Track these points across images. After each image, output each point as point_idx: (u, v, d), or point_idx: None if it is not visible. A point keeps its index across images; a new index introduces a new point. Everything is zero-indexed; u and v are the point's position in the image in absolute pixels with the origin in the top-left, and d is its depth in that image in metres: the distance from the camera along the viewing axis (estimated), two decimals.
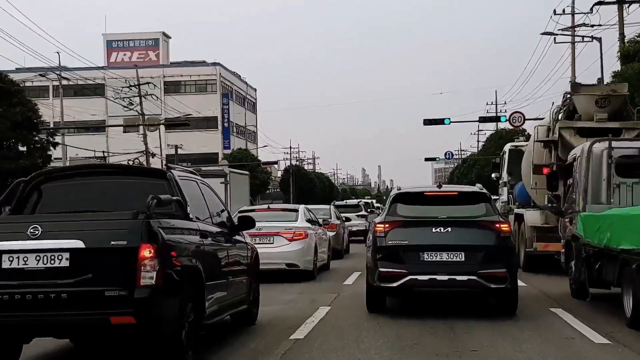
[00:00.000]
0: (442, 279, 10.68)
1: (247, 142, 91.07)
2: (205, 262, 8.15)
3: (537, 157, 17.41)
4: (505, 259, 10.77)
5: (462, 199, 11.65)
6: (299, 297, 13.77)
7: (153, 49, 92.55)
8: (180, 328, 7.46)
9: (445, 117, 49.25)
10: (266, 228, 16.30)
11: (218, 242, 9.08)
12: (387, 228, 10.98)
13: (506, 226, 11.01)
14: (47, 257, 7.00)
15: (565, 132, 16.49)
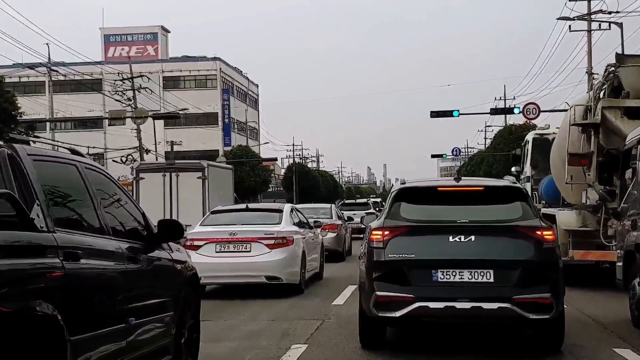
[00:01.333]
0: (463, 308, 7.68)
1: (247, 139, 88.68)
2: (71, 301, 4.82)
3: (572, 144, 14.01)
4: (550, 280, 7.85)
5: (488, 197, 8.61)
6: (267, 326, 10.29)
7: (152, 43, 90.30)
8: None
9: (454, 109, 45.42)
10: (242, 233, 13.59)
11: (109, 264, 5.66)
12: (387, 236, 8.03)
13: (550, 234, 8.09)
14: None
15: (610, 112, 13.17)
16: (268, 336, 9.36)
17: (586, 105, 13.99)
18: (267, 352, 8.34)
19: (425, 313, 7.82)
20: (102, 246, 5.56)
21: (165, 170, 22.41)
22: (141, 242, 6.37)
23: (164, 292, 6.64)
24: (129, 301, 5.82)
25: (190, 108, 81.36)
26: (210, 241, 13.68)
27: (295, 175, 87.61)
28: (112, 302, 5.57)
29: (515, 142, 46.70)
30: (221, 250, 13.61)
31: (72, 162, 5.76)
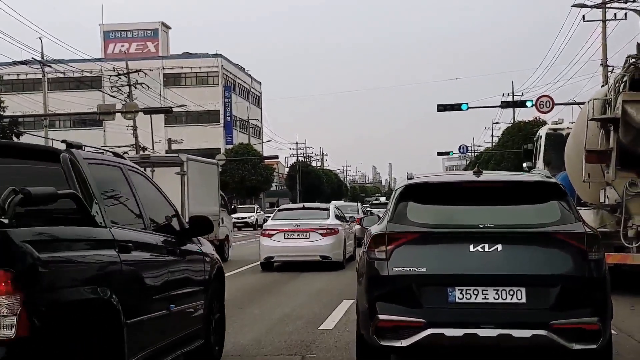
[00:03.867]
0: (487, 336, 6.29)
1: (250, 137, 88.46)
2: (126, 289, 5.52)
3: (590, 141, 13.40)
4: (596, 300, 6.42)
5: (517, 195, 7.10)
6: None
7: (152, 39, 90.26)
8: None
9: (463, 103, 43.78)
10: (303, 225, 19.29)
11: (153, 256, 6.41)
12: (390, 245, 6.60)
13: (596, 242, 6.60)
14: None
15: (631, 106, 12.53)
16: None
17: (605, 98, 13.37)
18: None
19: (440, 342, 6.43)
20: (147, 240, 6.26)
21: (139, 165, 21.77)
22: (175, 236, 6.95)
23: (196, 282, 7.27)
24: (169, 290, 6.48)
25: (191, 105, 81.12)
26: (280, 231, 19.19)
27: (298, 174, 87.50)
28: (157, 291, 6.23)
29: (524, 139, 46.40)
30: (288, 238, 19.13)
31: (117, 164, 6.45)
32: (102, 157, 6.32)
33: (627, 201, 12.81)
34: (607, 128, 13.14)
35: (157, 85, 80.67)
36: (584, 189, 14.20)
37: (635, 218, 12.82)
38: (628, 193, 12.74)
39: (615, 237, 13.00)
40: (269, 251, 19.05)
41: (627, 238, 12.83)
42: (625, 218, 12.89)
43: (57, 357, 4.53)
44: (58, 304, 4.59)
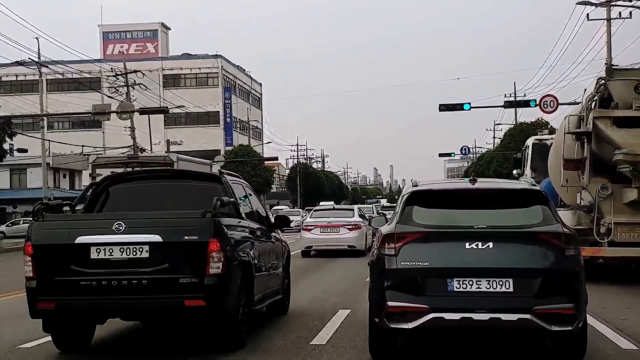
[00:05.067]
0: (480, 319, 7.58)
1: (250, 138, 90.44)
2: (254, 256, 9.79)
3: (567, 151, 16.13)
4: (572, 289, 7.76)
5: (507, 200, 8.48)
6: None
7: (151, 40, 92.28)
8: (238, 310, 8.99)
9: (465, 102, 43.45)
10: (334, 222, 25.86)
11: (262, 238, 10.66)
12: (399, 243, 7.94)
13: (573, 240, 8.02)
14: (130, 249, 8.42)
15: (600, 122, 15.24)
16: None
17: (579, 115, 16.10)
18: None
19: (441, 324, 7.68)
20: (257, 228, 10.52)
21: (126, 165, 20.44)
22: (267, 227, 11.22)
23: (278, 257, 11.50)
24: (268, 260, 10.66)
25: (191, 107, 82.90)
26: (317, 226, 25.83)
27: (299, 176, 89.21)
28: (265, 259, 10.41)
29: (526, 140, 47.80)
30: (323, 231, 25.66)
31: (240, 182, 10.97)
32: (234, 178, 10.57)
33: (599, 202, 15.47)
34: (581, 140, 15.83)
35: (157, 86, 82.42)
36: (564, 193, 16.91)
37: (607, 217, 15.48)
38: (600, 195, 15.40)
39: (589, 234, 15.65)
40: (308, 242, 25.98)
41: (600, 234, 15.52)
42: (598, 217, 15.59)
43: (233, 285, 8.78)
44: (234, 258, 8.87)
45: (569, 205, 17.03)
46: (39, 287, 8.56)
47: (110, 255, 8.42)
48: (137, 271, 8.37)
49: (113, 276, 8.36)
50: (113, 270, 8.40)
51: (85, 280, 8.42)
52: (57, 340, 9.21)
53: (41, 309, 8.64)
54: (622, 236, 15.43)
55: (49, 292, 8.54)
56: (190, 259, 8.42)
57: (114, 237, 8.39)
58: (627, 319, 10.96)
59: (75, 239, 8.48)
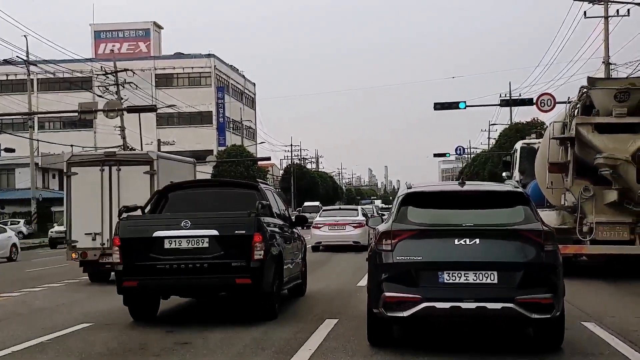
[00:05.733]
0: (468, 308, 8.55)
1: (243, 138, 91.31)
2: (283, 247, 12.72)
3: (552, 155, 17.58)
4: (551, 281, 8.73)
5: (492, 201, 9.54)
6: None
7: (144, 39, 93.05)
8: (273, 288, 11.81)
9: (460, 101, 43.09)
10: (341, 220, 29.98)
11: (287, 233, 13.68)
12: (395, 239, 8.94)
13: (551, 237, 9.00)
14: (194, 241, 11.30)
15: (583, 128, 16.65)
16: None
17: (563, 121, 17.56)
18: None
19: (432, 313, 8.59)
20: (283, 225, 13.55)
21: (103, 164, 18.98)
22: (289, 224, 14.25)
23: (299, 248, 14.75)
24: (292, 251, 13.80)
25: (183, 107, 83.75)
26: (325, 224, 29.81)
27: (293, 176, 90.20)
28: (290, 250, 13.58)
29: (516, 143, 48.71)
30: (332, 229, 29.55)
31: (269, 188, 14.37)
32: (266, 185, 14.21)
33: (582, 203, 16.89)
34: (565, 145, 17.28)
35: (149, 86, 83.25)
36: (549, 194, 18.34)
37: (589, 217, 16.90)
38: (582, 197, 16.82)
39: (573, 233, 17.06)
40: (318, 238, 29.82)
41: (582, 233, 16.94)
42: (581, 217, 17.00)
43: (270, 268, 11.59)
44: (270, 247, 11.62)
45: (554, 205, 18.44)
46: (124, 270, 11.47)
47: (179, 245, 11.33)
48: (200, 257, 11.23)
49: (181, 261, 11.25)
50: (181, 256, 11.27)
51: (160, 264, 11.32)
52: (134, 312, 12.12)
53: (126, 286, 11.55)
54: (603, 235, 16.82)
55: (132, 273, 11.43)
56: (239, 247, 11.26)
57: (182, 232, 11.32)
58: (638, 330, 10.55)
59: (153, 233, 11.42)
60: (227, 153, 78.93)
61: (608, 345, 9.43)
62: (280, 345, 9.77)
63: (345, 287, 16.24)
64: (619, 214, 16.79)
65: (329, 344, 9.73)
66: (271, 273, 11.73)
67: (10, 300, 16.07)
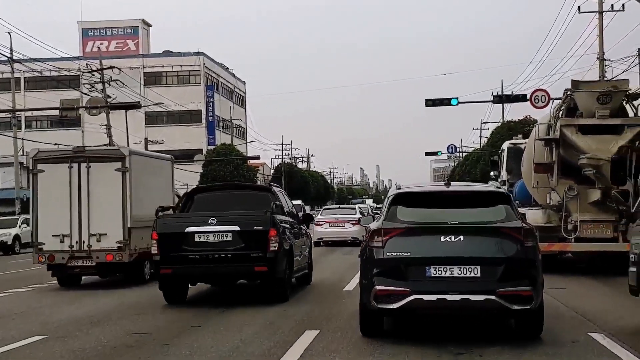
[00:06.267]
0: (453, 300, 9.32)
1: (232, 137, 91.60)
2: (293, 241, 15.11)
3: (538, 155, 18.48)
4: (530, 275, 9.51)
5: (476, 200, 10.40)
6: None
7: (132, 37, 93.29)
8: (285, 275, 14.22)
9: (452, 97, 42.33)
10: (340, 218, 33.36)
11: (296, 229, 16.00)
12: (385, 237, 9.71)
13: (531, 234, 9.79)
14: (220, 235, 13.72)
15: (567, 129, 17.55)
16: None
17: (548, 123, 18.49)
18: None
19: (420, 305, 9.35)
20: (293, 222, 15.91)
21: (72, 160, 18.12)
22: (297, 222, 16.48)
23: (305, 243, 17.04)
24: (300, 245, 16.16)
25: (172, 105, 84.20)
26: (327, 222, 33.07)
27: (284, 176, 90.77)
28: (299, 244, 15.97)
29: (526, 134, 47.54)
30: (332, 226, 32.82)
31: (280, 190, 16.99)
32: (278, 188, 16.70)
33: (566, 202, 17.81)
34: (550, 146, 18.20)
35: (137, 84, 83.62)
36: (535, 193, 19.27)
37: (573, 215, 17.81)
38: (567, 196, 17.74)
39: (558, 231, 18.00)
40: (320, 234, 32.71)
41: (567, 231, 17.87)
42: (566, 215, 17.93)
43: (282, 259, 13.98)
44: (283, 241, 14.01)
45: (540, 204, 19.36)
46: (161, 260, 13.90)
47: (207, 239, 13.76)
48: (224, 249, 13.69)
49: (209, 252, 13.70)
50: (209, 248, 13.71)
51: (191, 254, 13.76)
52: (167, 295, 14.46)
53: (162, 273, 13.95)
54: (587, 232, 17.74)
55: (167, 262, 13.82)
56: (257, 241, 13.65)
57: (209, 228, 13.76)
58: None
59: (185, 229, 13.86)
60: (216, 152, 79.04)
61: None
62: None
63: (331, 291, 15.94)
64: (603, 212, 17.67)
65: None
66: (284, 262, 14.12)
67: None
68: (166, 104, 79.12)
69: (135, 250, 18.05)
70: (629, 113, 17.81)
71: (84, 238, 17.89)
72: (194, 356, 9.43)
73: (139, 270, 18.69)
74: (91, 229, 17.84)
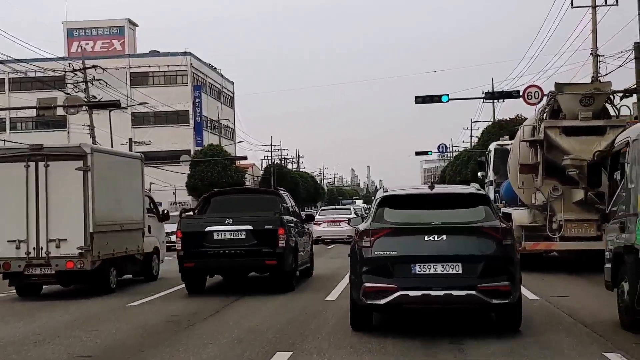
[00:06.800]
0: (437, 295, 10.15)
1: (220, 137, 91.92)
2: (297, 239, 17.66)
3: (523, 156, 19.26)
4: (508, 271, 10.34)
5: (457, 202, 11.34)
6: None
7: (118, 37, 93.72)
8: (291, 268, 16.78)
9: (443, 94, 41.44)
10: (337, 218, 37.21)
11: (299, 228, 18.47)
12: (373, 237, 10.51)
13: (508, 233, 10.73)
14: (235, 233, 16.21)
15: (551, 131, 18.34)
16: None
17: (533, 125, 19.27)
18: None
19: (406, 300, 10.20)
20: (297, 221, 18.52)
21: (29, 159, 16.85)
22: (300, 221, 19.08)
23: (308, 240, 19.73)
24: (303, 242, 18.52)
25: (159, 106, 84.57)
26: (325, 222, 36.82)
27: (273, 177, 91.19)
28: (302, 240, 18.39)
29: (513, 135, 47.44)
30: (329, 225, 36.56)
31: (286, 193, 19.67)
32: (284, 192, 19.58)
33: (551, 202, 18.61)
34: (535, 147, 18.97)
35: (124, 85, 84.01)
36: (521, 193, 20.05)
37: (558, 215, 18.60)
38: (552, 196, 18.54)
39: (543, 230, 18.83)
40: (318, 233, 35.02)
41: (552, 230, 18.68)
42: (550, 215, 18.73)
43: (289, 254, 16.54)
44: (289, 238, 16.56)
45: (526, 204, 20.16)
46: (184, 255, 16.36)
47: (224, 237, 16.25)
48: (239, 245, 16.16)
49: (226, 248, 16.18)
50: (226, 245, 16.19)
51: (210, 250, 16.23)
52: (189, 286, 16.85)
53: (186, 267, 16.46)
54: (572, 231, 18.56)
55: (190, 257, 16.33)
56: (267, 238, 16.12)
57: (226, 227, 16.27)
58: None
59: (205, 228, 16.35)
60: (203, 153, 79.17)
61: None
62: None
63: (311, 301, 14.83)
64: (586, 211, 18.46)
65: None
66: (290, 257, 16.63)
67: None
68: (153, 105, 79.42)
69: (99, 257, 16.85)
70: (612, 114, 18.61)
71: (42, 244, 16.54)
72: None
73: (104, 278, 17.46)
74: (50, 234, 16.54)
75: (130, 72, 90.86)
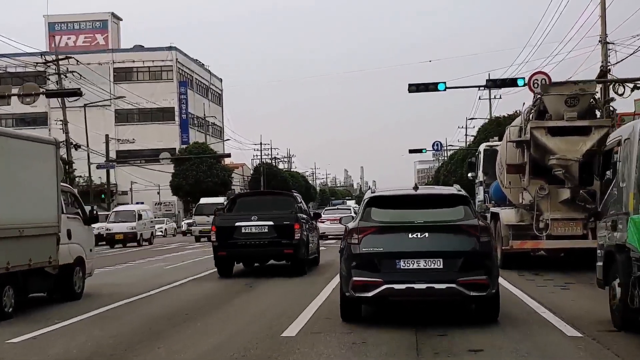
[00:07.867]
0: (419, 288, 11.29)
1: (206, 135, 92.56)
2: (308, 232, 21.89)
3: (510, 157, 20.38)
4: (485, 265, 11.53)
5: (439, 202, 12.58)
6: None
7: (101, 31, 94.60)
8: (304, 256, 21.37)
9: (439, 82, 38.23)
10: (339, 216, 36.98)
11: (309, 224, 22.71)
12: (361, 234, 11.70)
13: (486, 230, 11.92)
14: (259, 227, 20.91)
15: (537, 131, 19.41)
16: None
17: (520, 125, 20.39)
18: None
19: (391, 293, 11.38)
20: (307, 218, 23.16)
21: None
22: (310, 217, 24.05)
23: (315, 234, 24.59)
24: (312, 234, 23.23)
25: (144, 102, 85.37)
26: (329, 220, 42.83)
27: (263, 176, 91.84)
28: (311, 234, 23.03)
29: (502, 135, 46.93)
30: (332, 223, 41.24)
31: (298, 194, 24.43)
32: (296, 193, 24.53)
33: (538, 201, 19.64)
34: (522, 147, 20.09)
35: (107, 80, 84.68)
36: (508, 193, 21.15)
37: (545, 214, 19.65)
38: (538, 195, 19.59)
39: (530, 229, 19.85)
40: (322, 230, 37.56)
41: (539, 229, 19.71)
42: (537, 214, 19.74)
43: (303, 244, 21.17)
44: (303, 232, 21.23)
45: (513, 204, 21.31)
46: (218, 245, 20.99)
47: (250, 230, 20.84)
48: (262, 237, 20.79)
49: (252, 240, 20.82)
50: (252, 237, 20.82)
51: (240, 241, 20.84)
52: (221, 272, 21.39)
53: (219, 255, 21.01)
54: (558, 230, 19.61)
55: (223, 247, 20.96)
56: (286, 232, 20.65)
57: (252, 222, 20.88)
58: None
59: (235, 223, 21.01)
60: (188, 151, 79.96)
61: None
62: None
63: (263, 337, 11.31)
64: (573, 210, 19.49)
65: None
66: (303, 247, 21.08)
67: None
68: (137, 101, 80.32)
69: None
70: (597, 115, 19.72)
71: None
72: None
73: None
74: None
75: (113, 68, 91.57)
